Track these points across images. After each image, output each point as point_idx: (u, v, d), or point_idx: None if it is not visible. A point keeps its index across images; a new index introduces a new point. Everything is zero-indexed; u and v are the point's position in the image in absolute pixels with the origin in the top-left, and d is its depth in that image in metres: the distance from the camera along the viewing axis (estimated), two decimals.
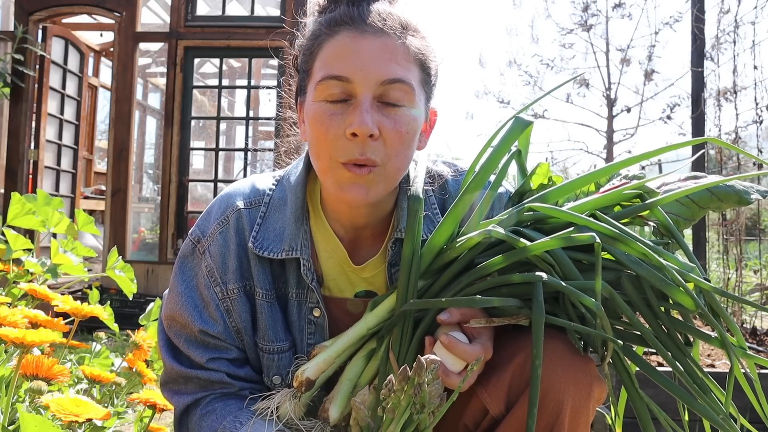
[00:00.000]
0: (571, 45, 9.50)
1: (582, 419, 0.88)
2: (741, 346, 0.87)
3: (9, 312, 1.19)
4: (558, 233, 0.85)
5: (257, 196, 1.04)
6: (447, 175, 1.09)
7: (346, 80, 0.89)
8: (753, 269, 4.19)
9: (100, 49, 6.80)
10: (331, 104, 0.90)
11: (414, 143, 0.95)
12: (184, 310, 1.01)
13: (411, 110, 0.91)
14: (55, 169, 5.69)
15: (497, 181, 0.98)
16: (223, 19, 5.08)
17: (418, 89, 0.93)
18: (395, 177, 0.95)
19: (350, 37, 0.90)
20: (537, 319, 0.82)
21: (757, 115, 3.24)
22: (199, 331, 1.00)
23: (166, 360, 1.04)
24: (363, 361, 0.95)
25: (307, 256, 1.00)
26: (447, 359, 0.85)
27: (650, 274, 0.84)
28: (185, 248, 1.05)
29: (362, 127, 0.87)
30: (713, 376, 0.90)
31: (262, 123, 6.72)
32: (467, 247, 0.90)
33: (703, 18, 3.39)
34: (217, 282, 1.01)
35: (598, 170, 0.98)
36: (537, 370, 0.80)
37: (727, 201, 0.94)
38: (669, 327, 0.87)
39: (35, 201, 1.76)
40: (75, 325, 1.42)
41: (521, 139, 1.01)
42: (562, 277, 0.85)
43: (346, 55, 0.89)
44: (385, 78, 0.88)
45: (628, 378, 0.87)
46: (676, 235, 0.92)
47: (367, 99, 0.89)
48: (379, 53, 0.89)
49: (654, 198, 0.92)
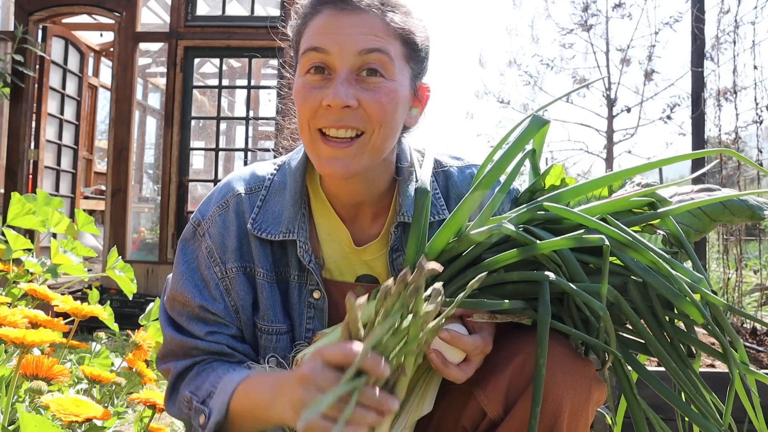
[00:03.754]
0: (571, 45, 9.52)
1: (581, 422, 0.88)
2: (744, 362, 0.87)
3: (9, 312, 1.19)
4: (568, 234, 0.85)
5: (257, 182, 1.07)
6: (452, 166, 1.10)
7: (323, 51, 0.92)
8: (753, 269, 4.19)
9: (100, 49, 6.80)
10: (312, 77, 0.94)
11: (398, 116, 0.96)
12: (184, 288, 1.03)
13: (391, 82, 0.93)
14: (55, 169, 5.69)
15: (508, 180, 0.97)
16: (223, 19, 5.08)
17: (399, 62, 0.94)
18: (381, 148, 0.96)
19: (330, 14, 0.93)
20: (543, 319, 0.81)
21: (757, 115, 3.23)
22: (199, 306, 1.01)
23: (166, 332, 1.05)
24: None
25: (304, 238, 1.02)
26: (446, 350, 0.85)
27: (658, 283, 0.84)
28: (186, 232, 1.07)
29: (336, 98, 0.90)
30: (712, 378, 0.90)
31: (262, 123, 6.71)
32: (475, 242, 0.90)
33: (703, 18, 3.39)
34: (217, 262, 1.03)
35: (612, 174, 0.98)
36: (541, 369, 0.80)
37: (740, 215, 0.94)
38: (673, 336, 0.87)
39: (35, 201, 1.76)
40: (75, 325, 1.42)
41: (536, 138, 1.01)
42: (569, 279, 0.85)
43: (325, 29, 0.93)
44: (361, 48, 0.91)
45: (628, 384, 0.87)
46: (686, 245, 0.92)
47: (344, 71, 0.91)
48: (357, 27, 0.92)
49: (666, 207, 0.92)
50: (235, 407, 0.92)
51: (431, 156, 1.06)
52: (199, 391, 0.98)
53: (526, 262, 0.88)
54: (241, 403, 0.92)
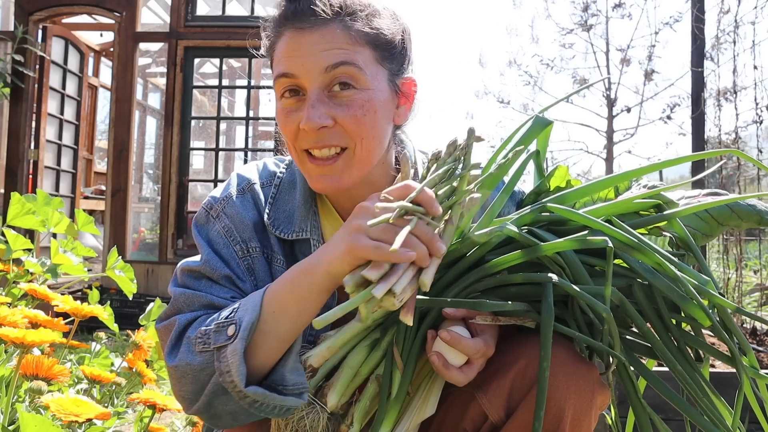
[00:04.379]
0: (571, 45, 9.52)
1: (584, 427, 0.86)
2: (753, 366, 0.85)
3: (9, 312, 1.19)
4: (572, 236, 0.84)
5: (269, 176, 1.07)
6: None
7: (292, 76, 0.92)
8: (753, 269, 4.19)
9: (100, 49, 6.80)
10: (287, 101, 0.95)
11: (380, 123, 0.95)
12: (210, 260, 0.96)
13: (364, 92, 0.92)
14: (55, 169, 5.69)
15: (512, 182, 0.96)
16: (223, 19, 5.09)
17: (371, 68, 0.93)
18: (369, 158, 0.96)
19: (290, 37, 0.93)
20: (546, 321, 0.80)
21: (757, 115, 3.23)
22: (224, 277, 0.95)
23: (174, 291, 0.96)
24: (365, 350, 0.94)
25: (317, 236, 1.02)
26: (448, 353, 0.85)
27: (664, 285, 0.82)
28: (198, 217, 1.03)
29: (308, 123, 0.90)
30: (712, 378, 0.89)
31: (262, 123, 6.71)
32: (478, 243, 0.90)
33: (703, 18, 3.39)
34: (237, 240, 0.99)
35: (618, 175, 0.96)
36: (545, 372, 0.79)
37: (748, 220, 0.94)
38: (679, 340, 0.85)
39: (35, 201, 1.76)
40: (75, 325, 1.42)
41: (540, 138, 0.99)
42: (573, 281, 0.84)
43: (289, 53, 0.93)
44: (325, 65, 0.90)
45: (632, 388, 0.85)
46: (693, 248, 0.91)
47: (314, 92, 0.91)
48: (318, 44, 0.91)
49: (673, 209, 0.91)
50: (268, 300, 0.85)
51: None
52: (217, 319, 0.86)
53: (529, 264, 0.87)
54: (277, 291, 0.85)
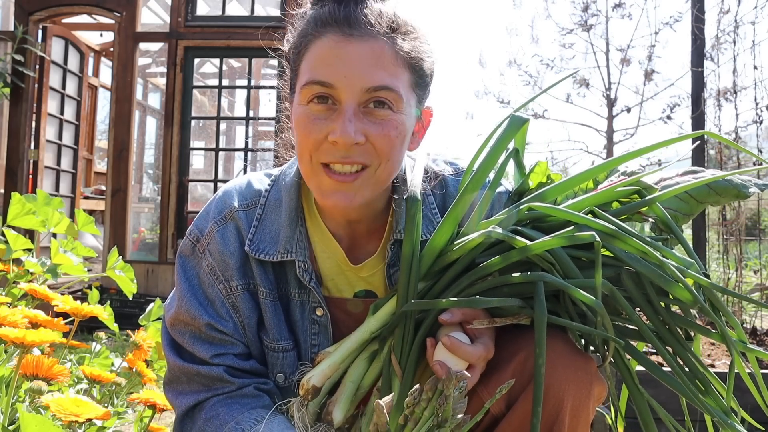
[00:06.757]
0: (571, 45, 9.50)
1: (582, 418, 0.88)
2: (742, 340, 0.88)
3: (9, 312, 1.19)
4: (558, 232, 0.85)
5: (254, 196, 1.04)
6: (447, 174, 1.08)
7: (330, 86, 0.87)
8: (753, 269, 4.19)
9: (100, 49, 6.80)
10: (315, 108, 0.89)
11: (404, 146, 0.94)
12: (189, 306, 1.00)
13: (399, 115, 0.90)
14: (55, 169, 5.69)
15: (496, 180, 0.97)
16: (223, 19, 5.08)
17: (407, 93, 0.91)
18: (385, 181, 0.95)
19: (335, 41, 0.88)
20: (539, 318, 0.82)
21: (757, 115, 3.23)
22: (206, 325, 0.99)
23: (168, 357, 1.03)
24: (365, 363, 0.95)
25: (303, 257, 1.00)
26: (449, 360, 0.85)
27: (649, 271, 0.84)
28: (184, 247, 1.05)
29: (344, 137, 0.86)
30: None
31: (262, 123, 6.72)
32: (468, 248, 0.90)
33: (703, 18, 3.39)
34: (220, 279, 1.01)
35: (595, 167, 0.98)
36: (540, 369, 0.80)
37: (725, 195, 0.94)
38: (669, 322, 0.87)
39: (35, 201, 1.76)
40: (75, 325, 1.41)
41: (518, 137, 1.00)
42: (563, 275, 0.85)
43: (330, 60, 0.87)
44: (370, 86, 0.87)
45: (629, 375, 0.88)
46: (675, 230, 0.93)
47: (351, 107, 0.87)
48: (365, 59, 0.87)
49: (652, 194, 0.93)
50: None
51: (421, 165, 1.05)
52: None
53: (520, 263, 0.88)
54: None
